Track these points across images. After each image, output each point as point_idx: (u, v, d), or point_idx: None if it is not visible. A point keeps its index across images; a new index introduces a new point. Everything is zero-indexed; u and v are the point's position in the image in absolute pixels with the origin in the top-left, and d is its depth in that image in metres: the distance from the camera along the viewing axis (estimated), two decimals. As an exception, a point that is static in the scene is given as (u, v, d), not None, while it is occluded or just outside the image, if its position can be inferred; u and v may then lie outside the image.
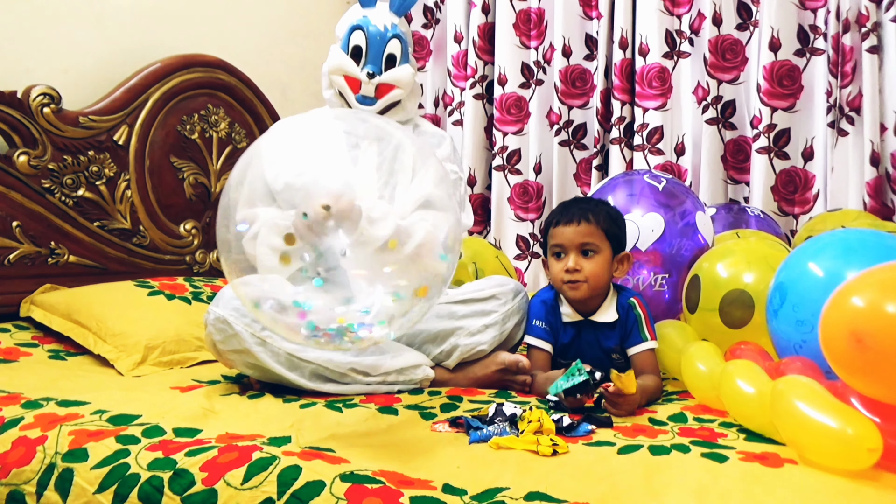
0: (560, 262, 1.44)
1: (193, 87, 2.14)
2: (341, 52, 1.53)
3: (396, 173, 1.48)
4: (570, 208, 1.46)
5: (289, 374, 1.36)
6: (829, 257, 1.25)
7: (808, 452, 0.98)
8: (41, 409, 1.22)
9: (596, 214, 1.44)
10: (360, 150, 1.49)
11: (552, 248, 1.46)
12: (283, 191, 1.30)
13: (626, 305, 1.45)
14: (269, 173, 1.35)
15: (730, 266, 1.45)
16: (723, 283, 1.44)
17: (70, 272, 1.88)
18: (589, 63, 2.48)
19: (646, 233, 1.60)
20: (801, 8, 2.15)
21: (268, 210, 1.21)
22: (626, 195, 1.70)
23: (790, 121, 2.17)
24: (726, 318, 1.41)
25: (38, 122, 1.83)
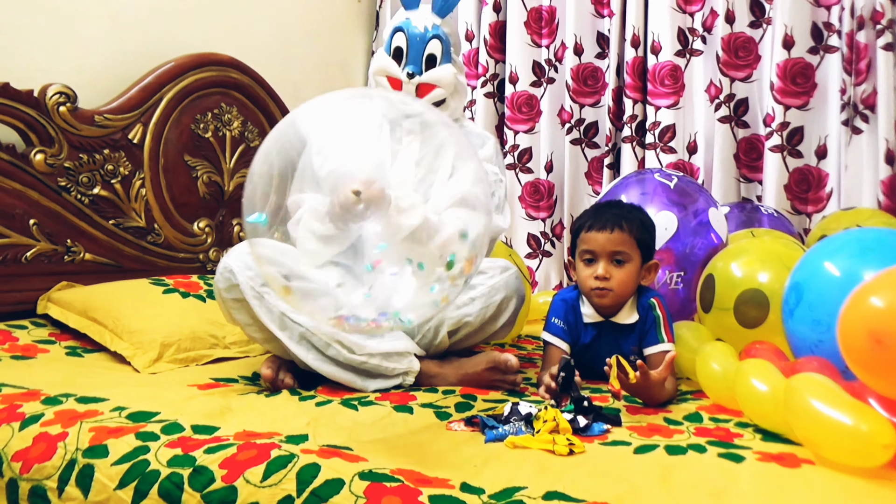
0: (590, 269, 1.43)
1: (207, 86, 2.15)
2: (384, 53, 1.58)
3: (436, 170, 1.50)
4: (603, 214, 1.45)
5: (279, 332, 1.40)
6: (845, 257, 1.24)
7: (822, 450, 0.98)
8: (61, 405, 1.24)
9: (630, 223, 1.43)
10: (402, 145, 1.51)
11: (583, 252, 1.45)
12: (327, 177, 1.34)
13: (647, 305, 1.45)
14: (316, 161, 1.40)
15: (744, 265, 1.45)
16: (738, 283, 1.43)
17: (86, 270, 1.90)
18: (601, 61, 2.48)
19: (659, 231, 1.59)
20: (815, 5, 2.14)
21: (313, 196, 1.27)
22: (639, 194, 1.70)
23: (803, 119, 2.16)
24: (741, 318, 1.41)
25: (54, 120, 1.84)
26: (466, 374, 1.44)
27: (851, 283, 1.10)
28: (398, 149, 1.51)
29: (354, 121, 1.44)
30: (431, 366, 1.46)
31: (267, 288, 1.39)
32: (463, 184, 1.35)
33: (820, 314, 1.20)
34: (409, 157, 1.51)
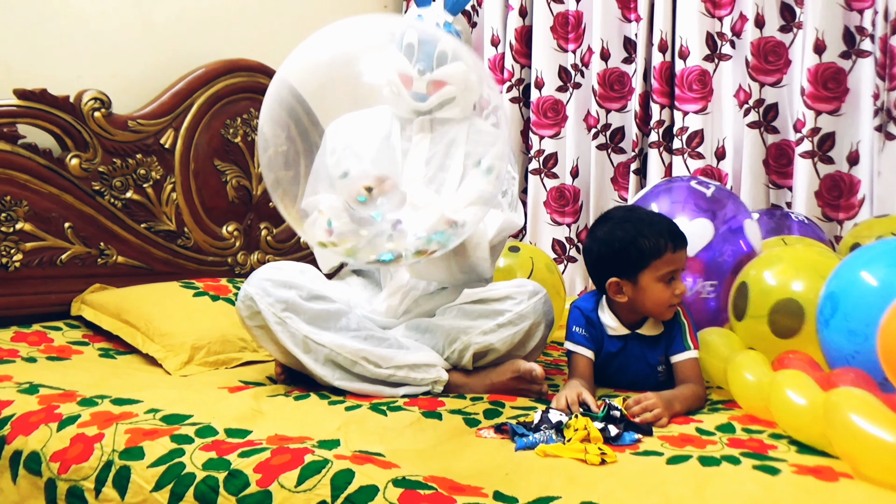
0: (671, 287, 1.38)
1: (236, 92, 2.18)
2: (395, 50, 1.56)
3: (447, 169, 1.51)
4: (671, 229, 1.40)
5: (303, 356, 1.42)
6: (882, 266, 1.22)
7: (863, 467, 0.97)
8: (96, 407, 1.26)
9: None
10: (413, 143, 1.52)
11: (668, 273, 1.38)
12: (340, 178, 1.36)
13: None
14: (330, 161, 1.43)
15: (779, 273, 1.43)
16: (772, 291, 1.41)
17: (118, 272, 1.93)
18: (627, 66, 2.46)
19: (693, 239, 1.57)
20: (847, 9, 2.11)
21: (328, 197, 1.29)
22: (671, 202, 1.68)
23: (835, 124, 2.12)
24: (775, 327, 1.39)
25: (89, 125, 1.88)
26: (493, 383, 1.45)
27: (889, 294, 1.09)
28: (408, 147, 1.52)
29: (367, 120, 1.48)
30: (458, 376, 1.47)
31: (289, 313, 1.41)
32: (478, 182, 1.36)
33: (856, 324, 1.18)
34: (419, 155, 1.52)
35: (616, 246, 1.39)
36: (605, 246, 1.42)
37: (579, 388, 1.30)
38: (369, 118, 1.54)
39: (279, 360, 1.48)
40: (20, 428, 1.21)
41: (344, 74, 1.29)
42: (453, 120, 1.54)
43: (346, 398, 1.39)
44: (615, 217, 1.45)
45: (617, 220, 1.44)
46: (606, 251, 1.41)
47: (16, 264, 1.76)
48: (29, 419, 1.23)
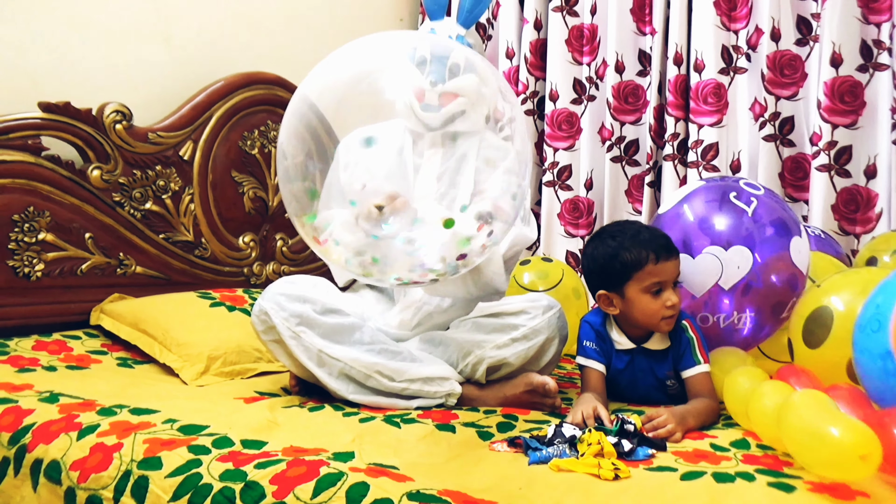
0: (659, 299, 1.39)
1: (254, 104, 2.21)
2: (409, 63, 1.58)
3: (457, 185, 1.52)
4: (657, 241, 1.41)
5: (318, 370, 1.43)
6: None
7: (805, 462, 0.98)
8: (115, 416, 1.28)
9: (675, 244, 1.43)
10: (424, 159, 1.53)
11: (652, 285, 1.39)
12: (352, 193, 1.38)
13: (679, 329, 1.43)
14: (343, 176, 1.44)
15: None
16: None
17: (137, 282, 1.96)
18: (642, 79, 2.47)
19: (730, 269, 1.46)
20: (865, 22, 2.10)
21: (342, 212, 1.30)
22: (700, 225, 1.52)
23: (852, 138, 2.11)
24: None
25: (110, 137, 1.91)
26: (506, 397, 1.45)
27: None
28: (420, 163, 1.53)
29: (380, 134, 1.49)
30: (471, 389, 1.47)
31: (303, 327, 1.42)
32: (491, 195, 1.36)
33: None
34: (430, 171, 1.53)
35: (601, 260, 1.43)
36: (592, 261, 1.46)
37: (594, 403, 1.30)
38: (383, 132, 1.55)
39: (294, 372, 1.50)
40: (41, 436, 1.23)
41: (362, 91, 1.31)
42: (465, 134, 1.55)
43: (360, 410, 1.40)
44: (605, 232, 1.49)
45: (605, 234, 1.48)
46: (594, 265, 1.45)
47: (38, 274, 1.79)
48: (49, 428, 1.25)
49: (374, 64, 1.30)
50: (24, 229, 1.77)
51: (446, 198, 1.51)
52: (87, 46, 1.98)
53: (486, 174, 1.46)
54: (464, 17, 1.56)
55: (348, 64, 1.29)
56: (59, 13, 1.93)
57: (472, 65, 1.45)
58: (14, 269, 1.77)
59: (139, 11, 2.09)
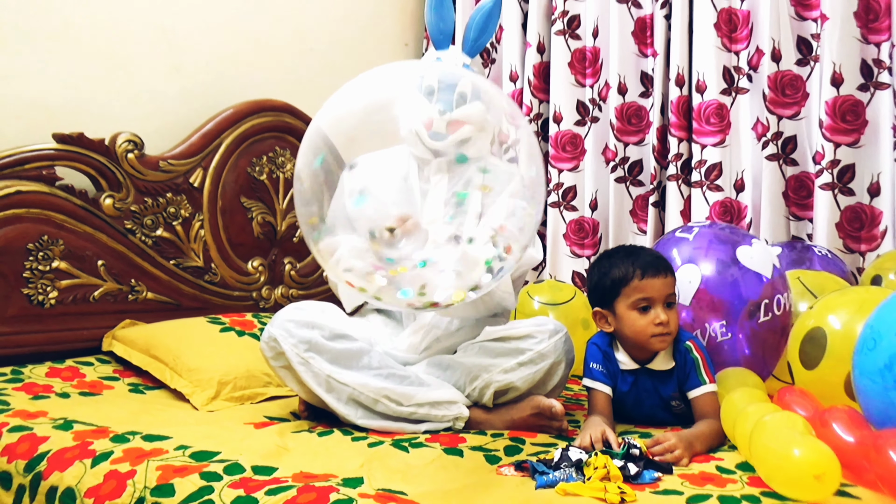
0: (647, 316, 1.41)
1: (263, 131, 2.25)
2: (417, 91, 1.61)
3: (465, 209, 1.54)
4: (646, 258, 1.44)
5: (326, 395, 1.44)
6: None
7: (767, 479, 1.00)
8: (128, 443, 1.30)
9: (670, 264, 1.46)
10: (430, 184, 1.56)
11: (638, 301, 1.42)
12: (359, 217, 1.41)
13: (683, 350, 1.44)
14: (348, 203, 1.47)
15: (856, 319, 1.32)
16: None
17: (148, 308, 1.99)
18: (645, 100, 2.50)
19: (684, 286, 1.56)
20: (864, 42, 2.12)
21: (349, 238, 1.33)
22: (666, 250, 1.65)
23: (855, 156, 2.13)
24: None
25: (122, 166, 1.95)
26: (513, 419, 1.46)
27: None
28: (426, 188, 1.56)
29: (385, 160, 1.52)
30: (479, 413, 1.48)
31: (312, 353, 1.44)
32: (497, 218, 1.39)
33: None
34: (437, 196, 1.55)
35: (595, 278, 1.49)
36: (589, 279, 1.53)
37: (602, 426, 1.31)
38: (387, 159, 1.58)
39: (303, 398, 1.51)
40: (56, 464, 1.25)
41: (373, 122, 1.35)
42: (470, 159, 1.58)
43: (369, 434, 1.41)
44: (604, 253, 1.56)
45: (604, 255, 1.54)
46: (590, 284, 1.52)
47: (51, 301, 1.83)
48: (64, 455, 1.27)
49: (383, 95, 1.34)
50: (38, 258, 1.81)
51: (454, 222, 1.54)
52: (100, 77, 2.03)
53: (491, 198, 1.49)
54: (469, 46, 1.59)
55: (359, 95, 1.32)
56: (73, 46, 1.98)
57: (478, 91, 1.48)
58: (28, 297, 1.80)
59: (151, 43, 2.14)
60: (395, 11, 2.84)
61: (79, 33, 1.99)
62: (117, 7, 2.06)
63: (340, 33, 2.65)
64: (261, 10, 2.40)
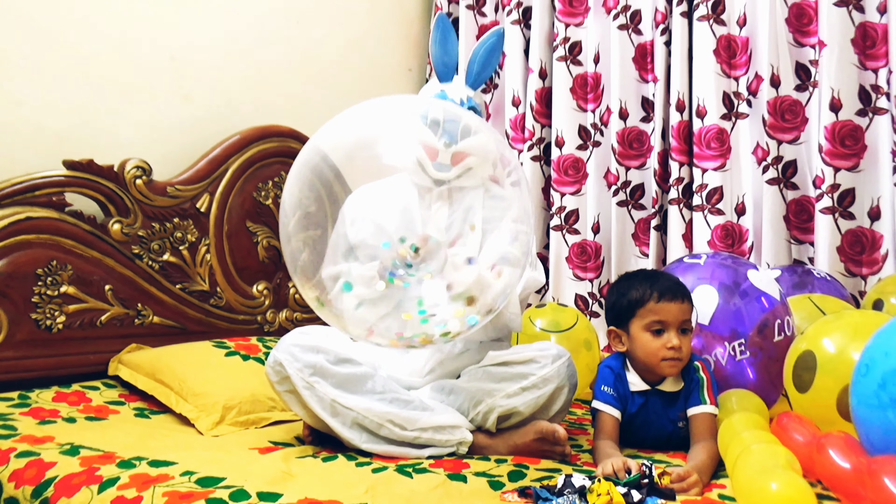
0: (660, 339, 1.43)
1: (269, 156, 2.28)
2: (421, 124, 1.64)
3: (465, 234, 1.57)
4: (665, 283, 1.47)
5: (331, 420, 1.45)
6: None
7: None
8: (134, 469, 1.31)
9: (688, 291, 1.48)
10: (432, 211, 1.58)
11: (652, 323, 1.44)
12: (361, 245, 1.43)
13: (690, 369, 1.47)
14: (350, 231, 1.50)
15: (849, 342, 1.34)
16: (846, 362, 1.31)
17: (154, 332, 2.00)
18: (646, 125, 2.53)
19: (702, 306, 1.58)
20: (862, 68, 2.15)
21: (351, 266, 1.35)
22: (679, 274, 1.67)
23: (854, 180, 2.15)
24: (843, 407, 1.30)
25: (130, 192, 1.98)
26: (516, 445, 1.46)
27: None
28: (427, 215, 1.58)
29: (386, 189, 1.56)
30: (482, 438, 1.49)
31: (317, 377, 1.46)
32: (501, 243, 1.41)
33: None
34: (438, 222, 1.57)
35: (612, 298, 1.53)
36: (607, 300, 1.56)
37: (623, 457, 1.32)
38: (388, 187, 1.60)
39: (307, 422, 1.52)
40: (63, 490, 1.26)
41: (372, 152, 1.37)
42: (469, 187, 1.61)
43: (373, 460, 1.42)
44: (625, 275, 1.59)
45: (624, 276, 1.58)
46: (608, 304, 1.55)
47: (59, 326, 1.84)
48: (71, 481, 1.27)
49: (385, 125, 1.36)
50: (47, 283, 1.83)
51: (456, 244, 1.56)
52: (109, 105, 2.07)
53: (493, 224, 1.51)
54: (472, 79, 1.63)
55: (361, 123, 1.35)
56: (83, 74, 2.02)
57: (479, 127, 1.52)
58: (36, 321, 1.82)
59: (160, 71, 2.18)
60: (400, 38, 2.89)
61: (89, 62, 2.03)
62: (127, 36, 2.10)
63: (345, 59, 2.69)
64: (267, 37, 2.45)
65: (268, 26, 2.45)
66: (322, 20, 2.61)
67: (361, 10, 2.75)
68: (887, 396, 1.05)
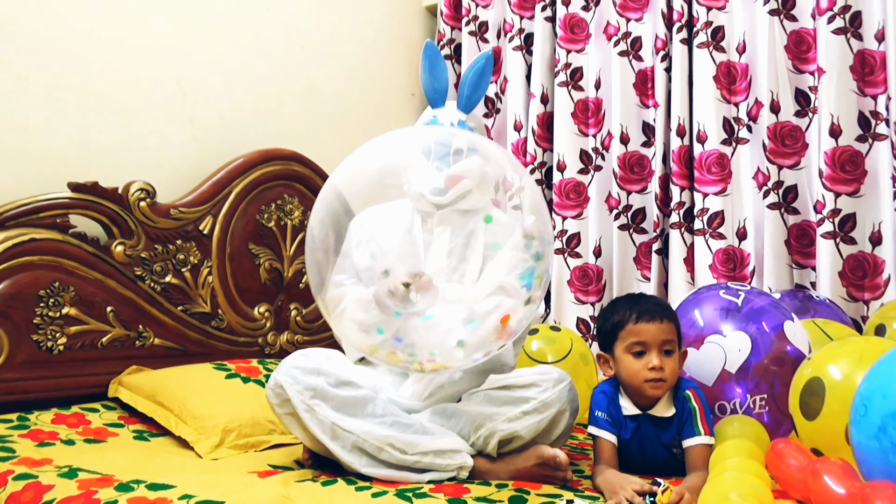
0: (641, 361, 1.44)
1: (272, 179, 2.30)
2: (415, 150, 1.65)
3: (467, 259, 1.58)
4: (645, 304, 1.47)
5: (331, 443, 1.44)
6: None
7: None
8: (133, 492, 1.30)
9: (670, 312, 1.48)
10: (434, 235, 1.59)
11: (632, 345, 1.45)
12: (365, 270, 1.44)
13: (682, 398, 1.46)
14: (356, 254, 1.52)
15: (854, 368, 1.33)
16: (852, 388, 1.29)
17: (154, 354, 2.00)
18: (647, 149, 2.54)
19: (732, 353, 1.56)
20: (861, 95, 2.17)
21: (354, 288, 1.35)
22: (704, 319, 1.65)
23: (855, 205, 2.15)
24: None
25: (134, 214, 1.99)
26: (517, 469, 1.45)
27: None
28: (430, 240, 1.59)
29: (389, 213, 1.59)
30: (483, 462, 1.48)
31: (317, 400, 1.45)
32: (498, 273, 1.42)
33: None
34: (440, 247, 1.58)
35: (599, 322, 1.56)
36: (596, 324, 1.57)
37: (632, 481, 1.31)
38: (391, 212, 1.62)
39: (307, 445, 1.51)
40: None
41: (385, 185, 1.44)
42: (472, 211, 1.62)
43: (373, 484, 1.40)
44: (612, 300, 1.60)
45: (611, 301, 1.59)
46: (597, 328, 1.57)
47: (60, 348, 1.84)
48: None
49: (394, 160, 1.43)
50: (49, 304, 1.83)
51: (456, 272, 1.57)
52: (114, 127, 2.09)
53: (493, 251, 1.52)
54: (464, 103, 1.65)
55: (373, 158, 1.44)
56: (88, 97, 2.04)
57: (475, 145, 1.53)
58: (38, 343, 1.82)
59: (164, 94, 2.20)
60: (401, 63, 2.93)
61: (95, 85, 2.06)
62: (134, 60, 2.13)
63: (349, 84, 2.73)
64: (272, 62, 2.48)
65: (273, 52, 2.49)
66: (326, 47, 2.65)
67: (365, 37, 2.80)
68: (888, 441, 1.04)
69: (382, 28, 2.86)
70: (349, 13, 2.74)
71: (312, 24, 2.61)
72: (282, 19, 2.52)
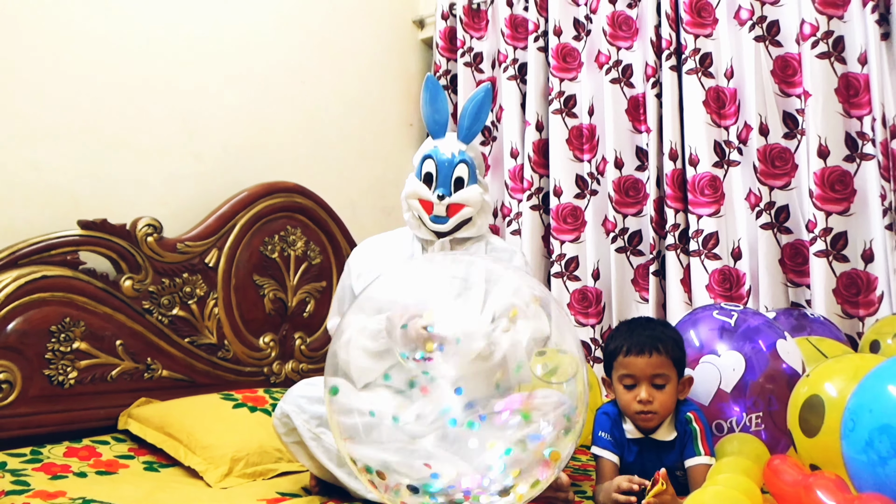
0: (631, 393, 1.46)
1: (275, 211, 2.35)
2: (415, 179, 1.71)
3: (471, 287, 1.61)
4: (637, 336, 1.48)
5: (337, 470, 1.48)
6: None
7: None
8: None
9: (665, 344, 1.48)
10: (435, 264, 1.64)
11: (622, 377, 1.48)
12: (368, 300, 1.49)
13: (683, 420, 1.48)
14: (356, 284, 1.56)
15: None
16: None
17: (163, 386, 2.04)
18: (641, 173, 2.60)
19: (727, 373, 1.58)
20: (847, 116, 2.22)
21: (360, 317, 1.40)
22: (699, 339, 1.68)
23: (846, 224, 2.19)
24: None
25: (142, 249, 2.05)
26: None
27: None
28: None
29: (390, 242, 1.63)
30: None
31: (323, 428, 1.49)
32: (504, 297, 1.46)
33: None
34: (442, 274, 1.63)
35: (605, 347, 1.58)
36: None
37: (621, 479, 1.35)
38: (392, 241, 1.67)
39: (314, 473, 1.54)
40: (74, 545, 1.28)
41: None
42: (471, 239, 1.66)
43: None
44: (620, 323, 1.65)
45: (620, 323, 1.63)
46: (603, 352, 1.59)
47: (70, 381, 1.88)
48: (82, 536, 1.29)
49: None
50: (60, 339, 1.87)
51: (460, 298, 1.61)
52: (121, 165, 2.15)
53: (494, 276, 1.56)
54: (464, 133, 1.70)
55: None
56: (97, 135, 2.11)
57: (473, 177, 1.58)
58: (49, 377, 1.86)
59: (171, 132, 2.27)
60: (401, 94, 3.00)
61: (104, 125, 2.12)
62: (141, 99, 2.20)
63: (348, 116, 2.79)
64: (274, 97, 2.55)
65: (275, 87, 2.56)
66: (326, 80, 2.72)
67: (363, 70, 2.87)
68: (875, 454, 1.07)
69: (380, 61, 2.93)
70: (348, 48, 2.81)
71: (312, 59, 2.69)
72: (283, 55, 2.59)
